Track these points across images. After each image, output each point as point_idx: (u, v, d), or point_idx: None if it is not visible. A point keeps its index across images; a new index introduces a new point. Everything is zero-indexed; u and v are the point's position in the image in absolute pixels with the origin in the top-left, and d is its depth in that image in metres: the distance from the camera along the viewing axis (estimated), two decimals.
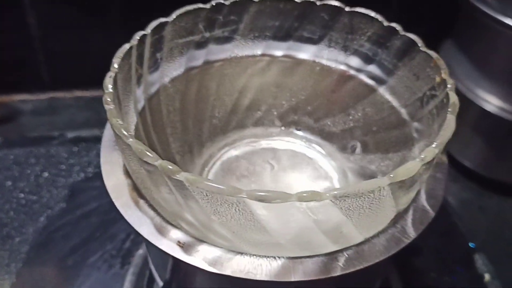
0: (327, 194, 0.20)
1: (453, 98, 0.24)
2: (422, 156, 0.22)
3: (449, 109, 0.24)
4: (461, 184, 0.51)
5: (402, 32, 0.29)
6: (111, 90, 0.24)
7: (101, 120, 0.60)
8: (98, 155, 0.49)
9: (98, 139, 0.52)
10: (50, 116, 0.61)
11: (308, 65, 0.34)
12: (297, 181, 0.34)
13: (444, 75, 0.26)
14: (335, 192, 0.20)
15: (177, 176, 0.21)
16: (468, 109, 0.49)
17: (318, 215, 0.21)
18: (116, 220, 0.43)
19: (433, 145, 0.22)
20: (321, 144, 0.36)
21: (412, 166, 0.21)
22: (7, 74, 0.62)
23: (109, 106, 0.24)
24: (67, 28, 0.60)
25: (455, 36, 0.54)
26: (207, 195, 0.21)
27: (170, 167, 0.21)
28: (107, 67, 0.63)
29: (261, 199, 0.20)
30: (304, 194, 0.20)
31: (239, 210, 0.21)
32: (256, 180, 0.34)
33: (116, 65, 0.26)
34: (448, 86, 0.25)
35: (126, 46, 0.27)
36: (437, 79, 0.27)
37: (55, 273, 0.40)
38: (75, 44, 0.61)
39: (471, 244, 0.44)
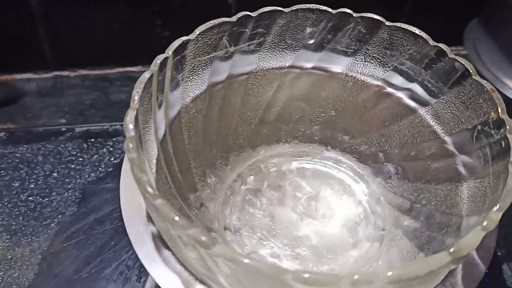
0: (381, 277, 0.18)
1: None
2: (485, 225, 0.19)
3: (511, 160, 0.21)
4: None
5: (451, 55, 0.26)
6: (133, 134, 0.22)
7: (107, 102, 0.57)
8: (109, 152, 0.47)
9: (108, 134, 0.50)
10: (55, 97, 0.59)
11: (340, 79, 0.31)
12: (327, 208, 0.32)
13: (502, 113, 0.23)
14: (390, 275, 0.18)
15: (213, 250, 0.18)
16: None
17: None
18: None
19: (495, 208, 0.20)
20: (352, 165, 0.33)
21: (474, 238, 0.19)
22: (8, 52, 0.59)
23: (132, 154, 0.21)
24: (70, 4, 0.57)
25: (482, 18, 0.51)
26: (245, 271, 0.19)
27: (204, 238, 0.19)
28: (111, 45, 0.60)
29: (307, 282, 0.18)
30: (356, 277, 0.18)
31: (281, 286, 0.19)
32: (283, 207, 0.31)
33: (136, 99, 0.23)
34: (508, 127, 0.23)
35: (146, 75, 0.24)
36: (493, 115, 0.24)
37: (69, 286, 0.38)
38: (78, 21, 0.58)
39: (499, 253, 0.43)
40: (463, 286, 0.22)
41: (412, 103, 0.30)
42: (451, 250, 0.19)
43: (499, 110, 0.24)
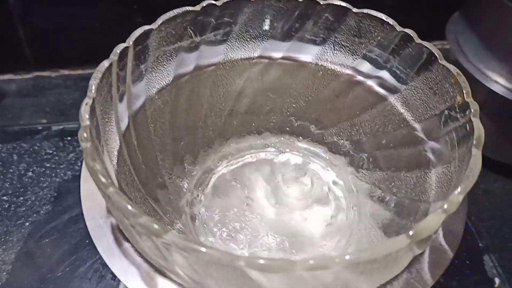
0: (337, 260, 0.17)
1: (479, 129, 0.21)
2: (445, 207, 0.19)
3: (474, 143, 0.21)
4: None
5: (418, 40, 0.26)
6: (87, 123, 0.21)
7: None
8: None
9: None
10: (36, 98, 0.58)
11: (310, 68, 0.31)
12: (299, 198, 0.31)
13: (467, 96, 0.23)
14: (347, 258, 0.17)
15: (164, 237, 0.18)
16: (475, 89, 0.47)
17: (326, 279, 0.18)
18: None
19: (457, 191, 0.19)
20: (324, 156, 0.33)
21: (434, 220, 0.19)
22: None
23: (85, 143, 0.21)
24: (48, 3, 0.56)
25: (463, 11, 0.51)
26: (199, 259, 0.18)
27: (156, 226, 0.18)
28: (92, 44, 0.59)
29: (261, 269, 0.17)
30: (311, 262, 0.17)
31: (236, 275, 0.18)
32: (254, 199, 0.31)
33: (93, 89, 0.23)
34: (472, 111, 0.22)
35: (105, 63, 0.24)
36: (459, 99, 0.24)
37: (42, 285, 0.38)
38: (58, 19, 0.58)
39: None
40: (430, 272, 0.22)
41: (382, 91, 0.29)
42: (410, 233, 0.18)
43: (464, 94, 0.23)
